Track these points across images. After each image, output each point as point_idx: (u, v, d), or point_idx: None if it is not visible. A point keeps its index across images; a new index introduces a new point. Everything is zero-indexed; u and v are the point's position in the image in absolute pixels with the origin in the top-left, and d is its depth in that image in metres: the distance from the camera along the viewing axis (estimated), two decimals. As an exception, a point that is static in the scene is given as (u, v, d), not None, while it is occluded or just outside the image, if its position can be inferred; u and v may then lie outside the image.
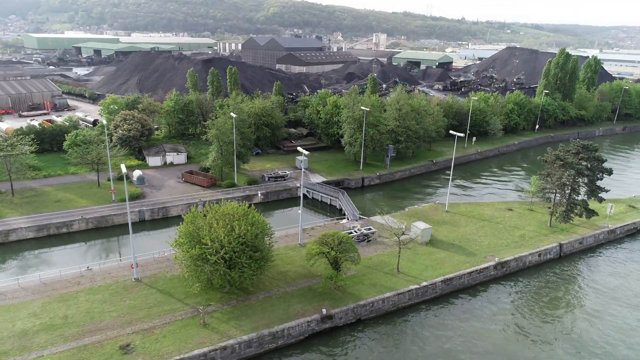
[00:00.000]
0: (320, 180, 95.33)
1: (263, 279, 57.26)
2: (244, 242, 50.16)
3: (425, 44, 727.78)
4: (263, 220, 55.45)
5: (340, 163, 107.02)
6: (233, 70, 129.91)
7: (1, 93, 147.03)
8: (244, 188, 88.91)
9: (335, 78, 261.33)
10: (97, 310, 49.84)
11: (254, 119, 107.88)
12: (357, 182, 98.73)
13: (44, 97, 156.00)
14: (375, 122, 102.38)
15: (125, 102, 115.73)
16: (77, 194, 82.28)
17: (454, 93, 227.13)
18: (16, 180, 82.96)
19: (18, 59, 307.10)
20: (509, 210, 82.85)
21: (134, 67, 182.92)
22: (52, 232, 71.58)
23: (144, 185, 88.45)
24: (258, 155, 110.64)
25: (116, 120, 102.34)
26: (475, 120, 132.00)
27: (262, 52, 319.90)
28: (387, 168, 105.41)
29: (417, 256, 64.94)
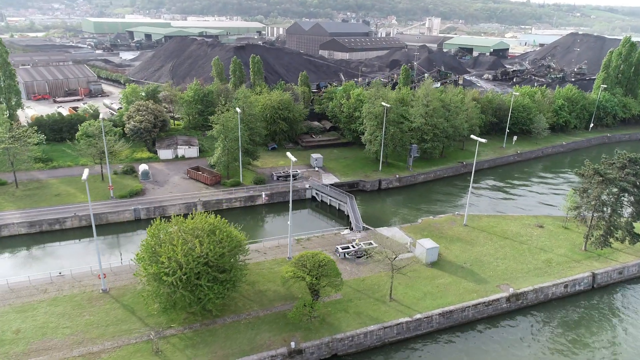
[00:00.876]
0: (332, 181, 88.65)
1: (236, 298, 52.21)
2: (206, 262, 45.00)
3: (484, 28, 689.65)
4: (237, 236, 50.05)
5: (359, 162, 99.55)
6: (256, 59, 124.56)
7: (39, 79, 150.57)
8: (248, 188, 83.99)
9: (377, 65, 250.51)
10: (52, 326, 46.74)
11: (270, 112, 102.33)
12: (373, 185, 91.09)
13: (80, 83, 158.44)
14: (397, 119, 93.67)
15: (145, 91, 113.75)
16: (79, 187, 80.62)
17: (504, 83, 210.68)
18: (22, 170, 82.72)
19: (74, 43, 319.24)
20: (539, 227, 72.55)
21: (169, 53, 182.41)
22: (45, 228, 70.14)
23: (148, 180, 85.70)
24: (274, 150, 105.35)
25: (130, 110, 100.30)
26: (517, 118, 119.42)
27: (306, 38, 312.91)
28: (410, 169, 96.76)
29: (418, 280, 57.26)
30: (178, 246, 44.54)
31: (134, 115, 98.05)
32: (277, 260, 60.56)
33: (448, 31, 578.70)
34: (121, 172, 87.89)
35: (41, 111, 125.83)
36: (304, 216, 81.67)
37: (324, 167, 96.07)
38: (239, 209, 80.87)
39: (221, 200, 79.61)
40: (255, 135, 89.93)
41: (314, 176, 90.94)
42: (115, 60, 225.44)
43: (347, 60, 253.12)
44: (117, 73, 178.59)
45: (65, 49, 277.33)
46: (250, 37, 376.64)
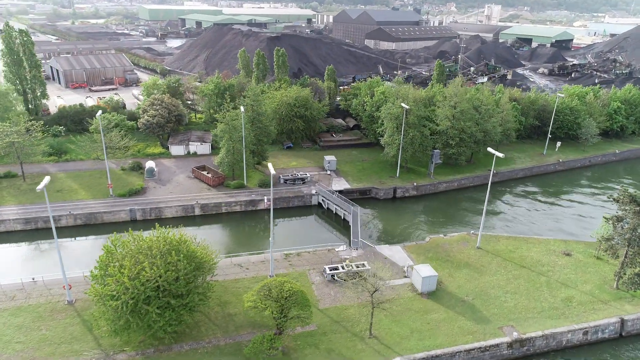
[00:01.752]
0: (342, 187, 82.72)
1: (201, 321, 48.35)
2: (156, 286, 41.19)
3: (550, 16, 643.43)
4: (201, 255, 45.93)
5: (377, 166, 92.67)
6: (281, 52, 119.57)
7: (78, 67, 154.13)
8: (250, 191, 79.90)
9: (424, 57, 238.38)
10: (5, 339, 44.95)
11: (286, 110, 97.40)
12: (388, 193, 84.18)
13: (116, 72, 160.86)
14: (417, 121, 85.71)
15: (166, 83, 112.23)
16: (83, 183, 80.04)
17: (561, 79, 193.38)
18: (33, 163, 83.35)
19: (128, 30, 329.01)
20: (565, 254, 63.24)
21: (205, 42, 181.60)
22: (40, 225, 69.67)
23: (153, 178, 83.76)
24: (289, 149, 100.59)
25: (145, 104, 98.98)
26: (563, 122, 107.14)
27: (352, 26, 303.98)
28: (431, 177, 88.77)
29: (407, 313, 50.78)
30: (126, 268, 40.99)
31: (148, 109, 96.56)
32: (258, 278, 55.93)
33: (510, 19, 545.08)
34: (128, 168, 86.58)
35: (72, 100, 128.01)
36: (307, 224, 76.62)
37: (338, 170, 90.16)
38: (239, 213, 77.12)
39: (220, 204, 76.13)
40: (262, 135, 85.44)
41: (325, 180, 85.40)
42: (158, 49, 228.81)
43: (391, 51, 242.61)
44: (154, 62, 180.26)
45: (117, 36, 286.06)
46: (298, 25, 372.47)
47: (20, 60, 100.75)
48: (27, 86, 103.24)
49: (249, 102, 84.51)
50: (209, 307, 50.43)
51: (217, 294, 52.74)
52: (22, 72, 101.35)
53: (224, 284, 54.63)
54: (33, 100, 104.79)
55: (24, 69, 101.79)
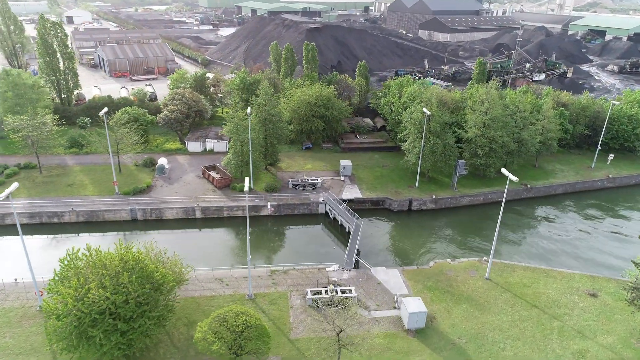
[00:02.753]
0: (354, 195, 77.52)
1: (163, 341, 45.95)
2: (101, 310, 38.92)
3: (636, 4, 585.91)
4: (163, 274, 43.23)
5: (397, 173, 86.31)
6: (310, 46, 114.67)
7: (121, 57, 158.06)
8: (255, 195, 76.74)
9: (479, 50, 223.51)
10: None
11: (305, 109, 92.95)
12: (402, 205, 77.92)
13: (158, 61, 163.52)
14: (439, 129, 78.28)
15: (193, 76, 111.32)
16: (94, 178, 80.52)
17: (632, 78, 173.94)
18: (54, 154, 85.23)
19: (186, 18, 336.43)
20: (590, 295, 54.77)
21: (247, 33, 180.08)
22: (44, 220, 70.68)
23: (163, 175, 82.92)
24: (308, 150, 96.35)
25: (166, 98, 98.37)
26: (619, 132, 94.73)
27: (407, 16, 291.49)
28: (454, 189, 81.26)
29: (385, 354, 45.52)
30: (72, 287, 39.06)
31: (168, 104, 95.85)
32: (235, 297, 52.80)
33: (587, 8, 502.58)
34: (142, 164, 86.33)
35: (109, 90, 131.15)
36: (308, 235, 72.46)
37: (353, 175, 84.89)
38: (241, 218, 74.09)
39: (222, 208, 73.68)
40: (273, 137, 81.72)
41: (337, 187, 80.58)
42: (207, 37, 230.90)
43: (443, 43, 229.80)
44: (197, 52, 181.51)
45: (172, 24, 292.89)
46: (352, 14, 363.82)
47: (54, 52, 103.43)
48: (61, 77, 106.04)
49: (261, 101, 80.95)
50: (175, 327, 48.06)
51: (188, 312, 50.34)
52: (56, 63, 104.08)
53: (198, 300, 52.02)
54: (66, 91, 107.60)
55: (58, 61, 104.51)
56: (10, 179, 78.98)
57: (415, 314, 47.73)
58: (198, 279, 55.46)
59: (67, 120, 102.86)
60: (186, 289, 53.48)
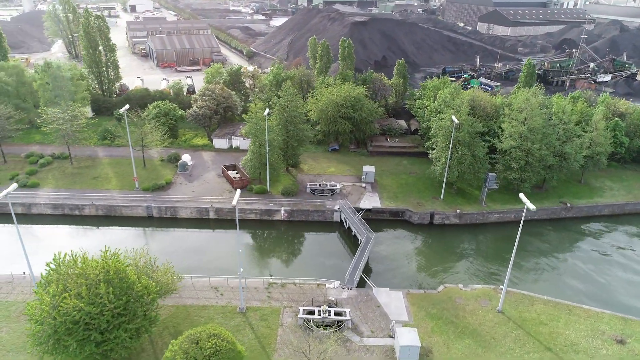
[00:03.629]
0: (372, 205, 74.04)
1: (145, 350, 45.63)
2: (76, 320, 38.85)
3: None
4: (145, 285, 42.63)
5: (423, 182, 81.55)
6: (347, 42, 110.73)
7: (169, 47, 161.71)
8: (270, 199, 75.17)
9: (540, 46, 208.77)
10: None
11: (332, 110, 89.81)
12: (423, 218, 73.40)
13: (204, 53, 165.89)
14: (468, 139, 72.64)
15: (228, 71, 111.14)
16: (119, 172, 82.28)
17: None
18: (82, 146, 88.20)
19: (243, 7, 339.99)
20: (617, 341, 48.51)
21: (293, 25, 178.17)
22: (66, 212, 73.10)
23: (185, 172, 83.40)
24: (334, 152, 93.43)
25: (198, 94, 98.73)
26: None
27: (466, 7, 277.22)
28: (482, 203, 75.50)
29: (369, 388, 42.57)
30: (49, 294, 39.28)
31: (198, 99, 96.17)
32: (228, 309, 51.65)
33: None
34: (167, 159, 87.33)
35: (151, 81, 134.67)
36: (318, 245, 69.83)
37: (376, 182, 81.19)
38: (253, 222, 73.19)
39: (234, 210, 72.75)
40: (293, 140, 79.53)
41: (356, 194, 77.36)
42: (257, 28, 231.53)
43: (502, 38, 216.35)
44: (243, 44, 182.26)
45: (227, 13, 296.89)
46: (410, 4, 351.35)
47: (97, 44, 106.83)
48: (102, 69, 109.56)
49: (283, 102, 78.90)
50: (161, 336, 47.67)
51: (177, 321, 49.83)
52: (98, 55, 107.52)
53: (189, 310, 51.37)
54: (107, 82, 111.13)
55: (100, 53, 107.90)
56: (44, 169, 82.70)
57: (407, 348, 44.22)
58: (194, 286, 54.87)
59: (106, 112, 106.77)
60: (180, 296, 53.07)
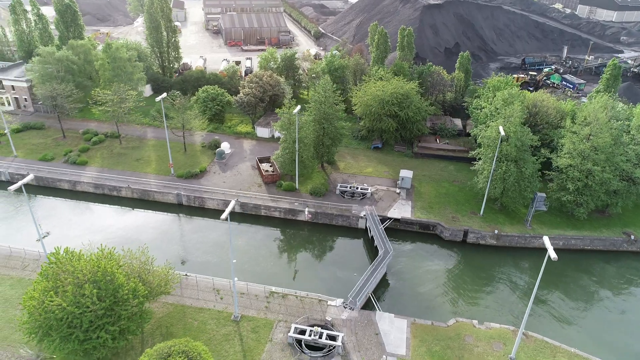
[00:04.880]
0: (402, 214, 69.41)
1: (134, 347, 46.58)
2: (59, 318, 40.21)
3: None
4: (133, 290, 43.12)
5: (464, 193, 74.95)
6: (407, 31, 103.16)
7: (237, 26, 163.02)
8: (296, 198, 73.21)
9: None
10: None
11: (377, 107, 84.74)
12: (455, 234, 67.48)
13: (271, 32, 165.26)
14: (515, 153, 64.66)
15: (282, 57, 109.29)
16: (161, 155, 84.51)
17: None
18: (134, 125, 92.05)
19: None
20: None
21: (363, 7, 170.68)
22: (106, 192, 76.77)
23: (222, 160, 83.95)
24: (376, 149, 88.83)
25: (246, 80, 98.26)
26: None
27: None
28: (527, 225, 67.68)
29: None
30: (37, 290, 40.97)
31: (245, 86, 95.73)
32: (223, 315, 51.18)
33: None
34: (207, 145, 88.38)
35: (213, 59, 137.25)
36: (340, 252, 66.91)
37: (413, 188, 75.99)
38: (277, 219, 71.96)
39: (259, 206, 72.02)
40: (327, 138, 76.20)
41: (389, 200, 73.01)
42: (333, 6, 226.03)
43: (603, 24, 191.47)
44: (313, 23, 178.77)
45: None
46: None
47: (159, 25, 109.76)
48: (164, 49, 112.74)
49: (318, 97, 75.62)
50: (152, 335, 48.45)
51: (172, 321, 50.34)
52: (160, 36, 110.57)
53: (186, 310, 51.63)
54: (167, 62, 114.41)
55: (162, 34, 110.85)
56: (95, 147, 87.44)
57: (390, 391, 40.82)
58: (198, 286, 55.05)
59: (165, 91, 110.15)
60: (182, 295, 53.57)
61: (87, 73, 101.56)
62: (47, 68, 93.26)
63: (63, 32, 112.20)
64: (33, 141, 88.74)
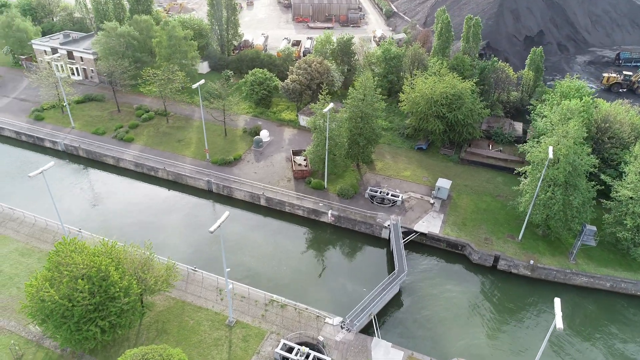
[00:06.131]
0: (430, 229, 64.78)
1: (127, 342, 48.29)
2: (52, 308, 42.23)
3: None
4: (126, 287, 44.23)
5: (506, 212, 67.97)
6: (474, 21, 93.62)
7: (306, 1, 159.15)
8: (322, 198, 70.87)
9: None
10: (8, 276, 55.02)
11: (424, 106, 78.67)
12: (485, 259, 61.73)
13: (341, 9, 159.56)
14: (564, 180, 56.75)
15: (338, 41, 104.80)
16: (202, 138, 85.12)
17: None
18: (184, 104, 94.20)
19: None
20: None
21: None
22: (145, 171, 79.62)
23: (259, 149, 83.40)
24: (420, 151, 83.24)
25: (294, 66, 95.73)
26: None
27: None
28: (571, 259, 60.13)
29: None
30: (37, 279, 43.24)
31: (294, 71, 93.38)
32: (218, 318, 51.27)
33: None
34: (248, 131, 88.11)
35: (275, 36, 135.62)
36: (357, 262, 64.15)
37: (449, 199, 70.48)
38: (301, 218, 70.43)
39: (284, 202, 70.78)
40: (361, 138, 72.12)
41: (420, 210, 68.43)
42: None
43: None
44: (385, 1, 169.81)
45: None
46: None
47: (220, 2, 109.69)
48: (223, 27, 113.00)
49: (356, 95, 71.45)
50: (148, 329, 49.82)
51: (169, 317, 51.36)
52: (219, 14, 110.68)
53: (186, 307, 52.39)
54: (226, 40, 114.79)
55: (221, 12, 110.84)
56: (144, 123, 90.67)
57: None
58: (202, 283, 55.59)
59: (221, 69, 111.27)
60: (185, 290, 54.43)
61: (148, 49, 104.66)
62: (109, 43, 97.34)
63: (133, 5, 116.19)
64: (91, 113, 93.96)
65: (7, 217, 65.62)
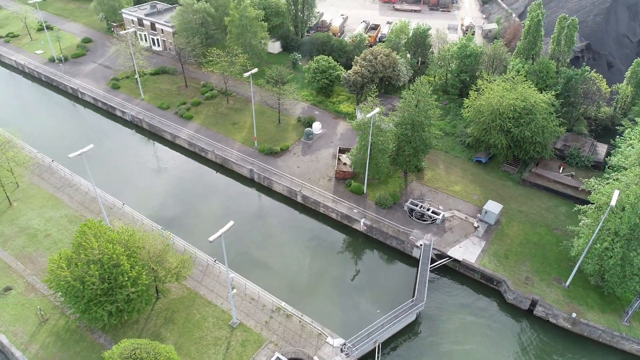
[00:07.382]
0: (465, 256, 59.66)
1: (136, 324, 50.81)
2: (65, 288, 45.34)
3: None
4: (135, 277, 46.16)
5: (559, 250, 60.10)
6: (568, 21, 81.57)
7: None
8: (358, 204, 67.98)
9: None
10: (47, 242, 60.07)
11: (489, 117, 71.26)
12: (521, 301, 55.58)
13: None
14: (626, 233, 48.32)
15: (415, 31, 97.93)
16: (257, 123, 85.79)
17: None
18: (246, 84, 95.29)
19: None
20: None
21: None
22: (196, 151, 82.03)
23: (308, 141, 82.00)
24: (478, 163, 76.33)
25: (360, 56, 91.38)
26: None
27: None
28: (624, 321, 52.12)
29: None
30: (57, 258, 46.42)
31: (358, 62, 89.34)
32: (224, 316, 51.95)
33: None
34: (302, 121, 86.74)
35: (353, 17, 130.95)
36: (384, 279, 60.47)
37: (497, 225, 64.15)
38: (333, 222, 68.55)
39: (318, 203, 69.15)
40: (408, 146, 67.18)
41: (460, 233, 63.24)
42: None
43: None
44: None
45: None
46: None
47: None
48: (299, 7, 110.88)
49: (409, 99, 66.40)
50: (158, 316, 51.91)
51: (180, 307, 53.15)
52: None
53: (196, 300, 53.76)
54: (300, 22, 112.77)
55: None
56: (207, 102, 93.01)
57: None
58: (219, 278, 56.43)
59: (292, 50, 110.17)
60: (200, 282, 55.79)
61: (223, 26, 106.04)
62: (185, 18, 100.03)
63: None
64: (161, 86, 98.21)
65: (67, 182, 71.50)
